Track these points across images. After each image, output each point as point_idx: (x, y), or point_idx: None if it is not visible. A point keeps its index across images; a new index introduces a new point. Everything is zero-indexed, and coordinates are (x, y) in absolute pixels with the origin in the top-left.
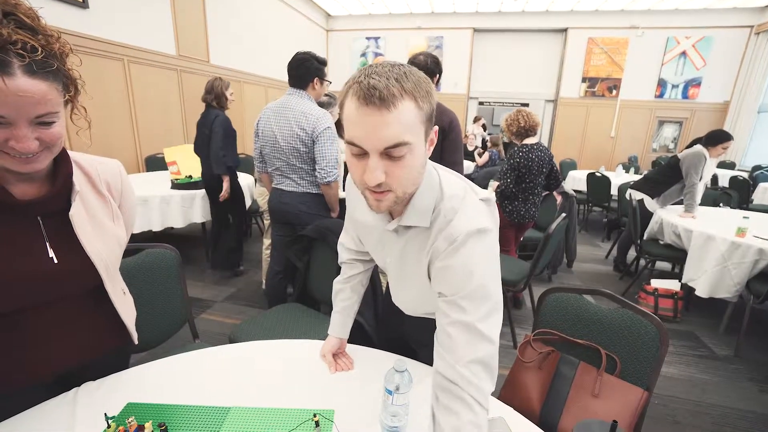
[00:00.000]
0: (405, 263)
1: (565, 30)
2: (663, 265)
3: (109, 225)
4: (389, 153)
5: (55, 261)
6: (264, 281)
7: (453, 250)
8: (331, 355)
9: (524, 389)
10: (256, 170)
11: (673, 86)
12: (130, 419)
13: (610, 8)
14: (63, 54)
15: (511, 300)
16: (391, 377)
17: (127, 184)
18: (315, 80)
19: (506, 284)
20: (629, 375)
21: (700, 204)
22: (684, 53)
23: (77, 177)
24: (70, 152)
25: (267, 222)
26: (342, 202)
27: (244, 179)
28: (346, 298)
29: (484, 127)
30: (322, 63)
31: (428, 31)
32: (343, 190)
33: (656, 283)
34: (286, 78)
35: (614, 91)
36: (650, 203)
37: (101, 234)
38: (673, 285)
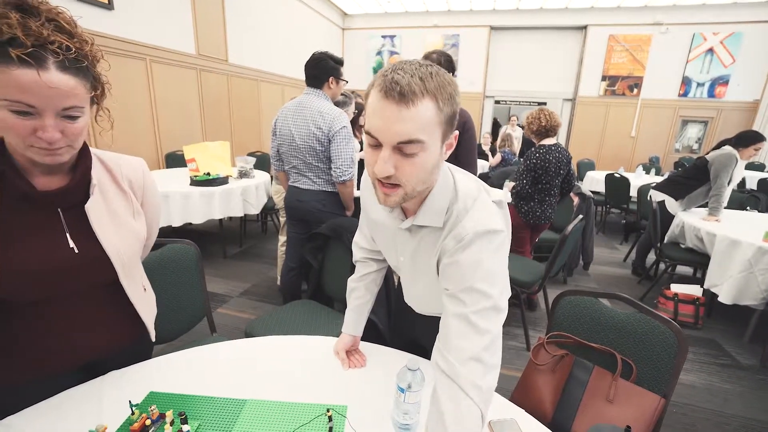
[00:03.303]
0: (417, 262)
1: (584, 27)
2: (684, 269)
3: (128, 220)
4: (402, 148)
5: (76, 251)
6: (279, 278)
7: (461, 248)
8: (345, 352)
9: (537, 392)
10: (272, 168)
11: (699, 84)
12: (152, 407)
13: (633, 4)
14: (94, 58)
15: (526, 301)
16: (403, 375)
17: (149, 181)
18: (331, 79)
19: (521, 285)
20: (645, 381)
21: (726, 207)
22: (711, 50)
23: (97, 171)
24: (95, 149)
25: (282, 219)
26: (357, 201)
27: (261, 177)
28: (359, 296)
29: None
30: (338, 62)
31: (444, 29)
32: (358, 189)
33: (676, 288)
34: (302, 77)
35: (635, 90)
36: (673, 205)
37: (118, 228)
38: (694, 290)
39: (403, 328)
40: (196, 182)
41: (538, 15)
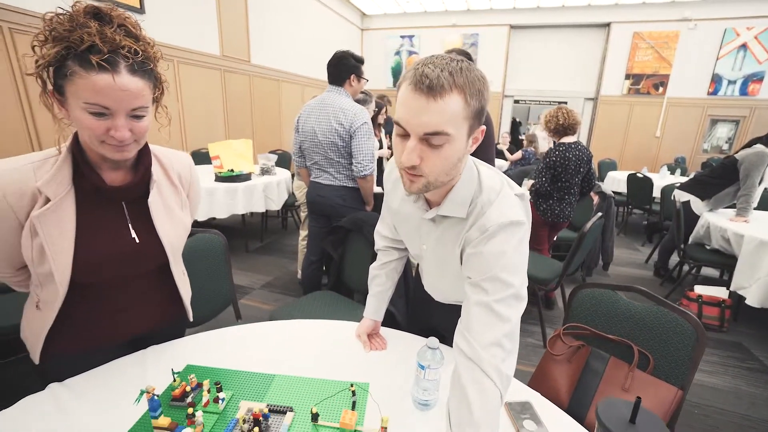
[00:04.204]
0: (440, 251)
1: (608, 25)
2: (710, 271)
3: (178, 212)
4: (428, 139)
5: (137, 241)
6: (299, 271)
7: (484, 239)
8: (366, 335)
9: (553, 382)
10: (294, 164)
11: (730, 82)
12: (191, 376)
13: (659, 0)
14: (156, 58)
15: (543, 299)
16: (423, 354)
17: (195, 175)
18: (352, 77)
19: (538, 282)
20: (663, 373)
21: (757, 208)
22: (744, 45)
23: (155, 168)
24: (149, 145)
25: (303, 215)
26: (377, 197)
27: (282, 174)
28: (381, 283)
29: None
30: (359, 61)
31: (463, 29)
32: (377, 185)
33: (700, 290)
34: (321, 76)
35: (661, 89)
36: (699, 206)
37: (171, 219)
38: (720, 292)
39: (421, 316)
40: (220, 178)
41: (560, 13)
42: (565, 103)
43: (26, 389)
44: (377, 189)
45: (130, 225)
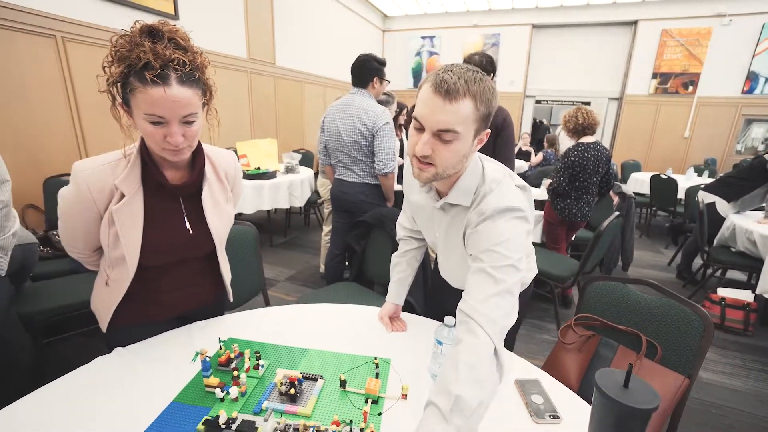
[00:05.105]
0: (450, 237)
1: (635, 22)
2: (737, 275)
3: (224, 206)
4: (440, 135)
5: (191, 232)
6: (322, 266)
7: (481, 221)
8: (388, 318)
9: (563, 369)
10: (320, 163)
11: (767, 80)
12: (234, 345)
13: None
14: (203, 66)
15: (560, 297)
16: (441, 331)
17: (239, 172)
18: (375, 79)
19: (554, 279)
20: (670, 363)
21: None
22: None
23: (207, 167)
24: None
25: (327, 211)
26: (397, 194)
27: (305, 172)
28: (402, 270)
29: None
30: (382, 63)
31: (484, 29)
32: (398, 183)
33: (724, 292)
34: (343, 78)
35: (690, 88)
36: (724, 207)
37: (218, 213)
38: (744, 295)
39: (439, 301)
40: (247, 176)
41: (584, 11)
42: (588, 103)
43: (96, 352)
44: (398, 186)
45: (185, 218)
